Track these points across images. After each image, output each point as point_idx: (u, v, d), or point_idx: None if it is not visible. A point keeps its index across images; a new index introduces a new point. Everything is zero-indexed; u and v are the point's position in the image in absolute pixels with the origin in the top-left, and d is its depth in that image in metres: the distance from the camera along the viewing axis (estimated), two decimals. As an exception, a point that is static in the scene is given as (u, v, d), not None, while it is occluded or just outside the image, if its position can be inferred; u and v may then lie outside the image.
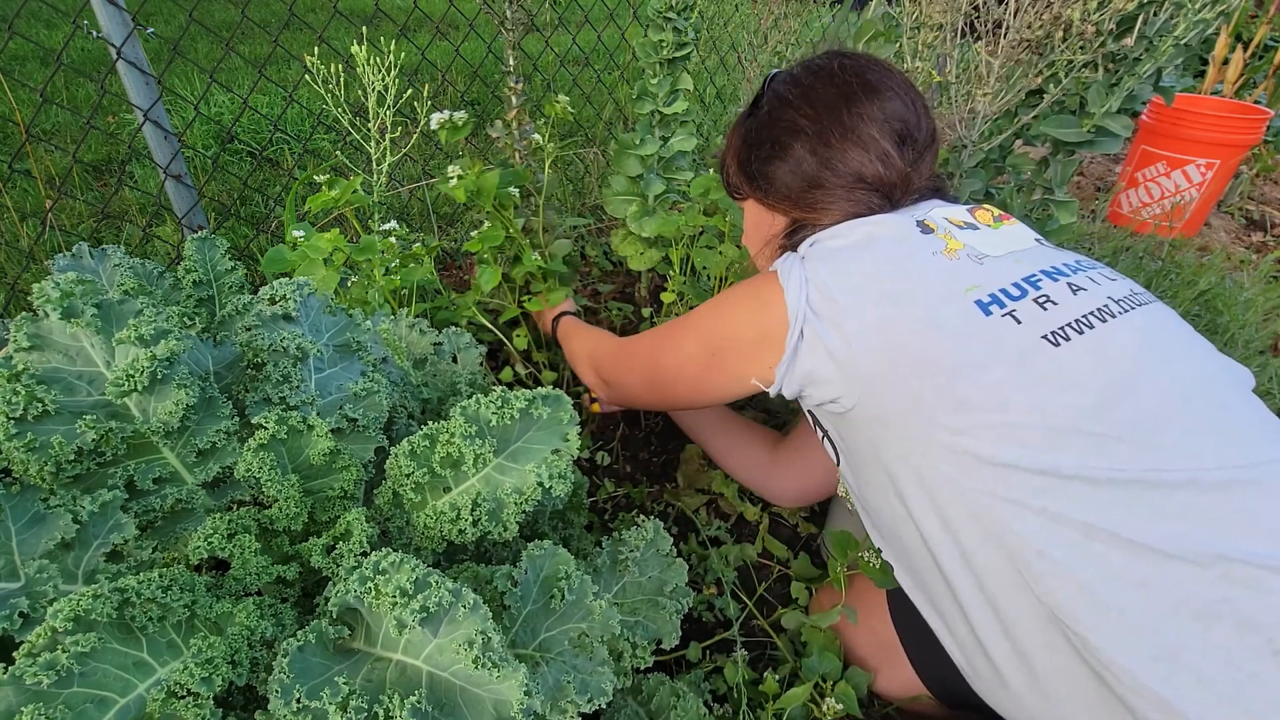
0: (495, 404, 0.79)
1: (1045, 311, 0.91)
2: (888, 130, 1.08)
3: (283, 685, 0.60)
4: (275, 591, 0.81)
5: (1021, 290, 0.94)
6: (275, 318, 0.94)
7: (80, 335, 0.82)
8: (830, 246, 1.04)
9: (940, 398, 0.87)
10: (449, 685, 0.62)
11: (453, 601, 0.62)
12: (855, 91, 1.08)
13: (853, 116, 1.08)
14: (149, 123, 1.73)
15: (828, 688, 1.13)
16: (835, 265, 0.99)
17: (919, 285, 0.94)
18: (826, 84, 1.11)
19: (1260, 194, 3.61)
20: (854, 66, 1.11)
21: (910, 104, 1.10)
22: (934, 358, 0.88)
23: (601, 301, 2.24)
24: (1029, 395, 0.84)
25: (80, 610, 0.60)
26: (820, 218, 1.11)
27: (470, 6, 4.36)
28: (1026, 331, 0.89)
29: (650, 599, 0.98)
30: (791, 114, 1.12)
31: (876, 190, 1.09)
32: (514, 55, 1.64)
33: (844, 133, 1.08)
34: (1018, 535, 0.81)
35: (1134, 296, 0.97)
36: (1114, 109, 1.45)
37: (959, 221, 1.06)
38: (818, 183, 1.10)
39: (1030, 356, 0.87)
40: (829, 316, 0.95)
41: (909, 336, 0.90)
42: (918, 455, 0.89)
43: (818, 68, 1.14)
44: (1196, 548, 0.74)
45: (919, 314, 0.91)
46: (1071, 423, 0.82)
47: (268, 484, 0.80)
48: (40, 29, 4.41)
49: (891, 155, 1.08)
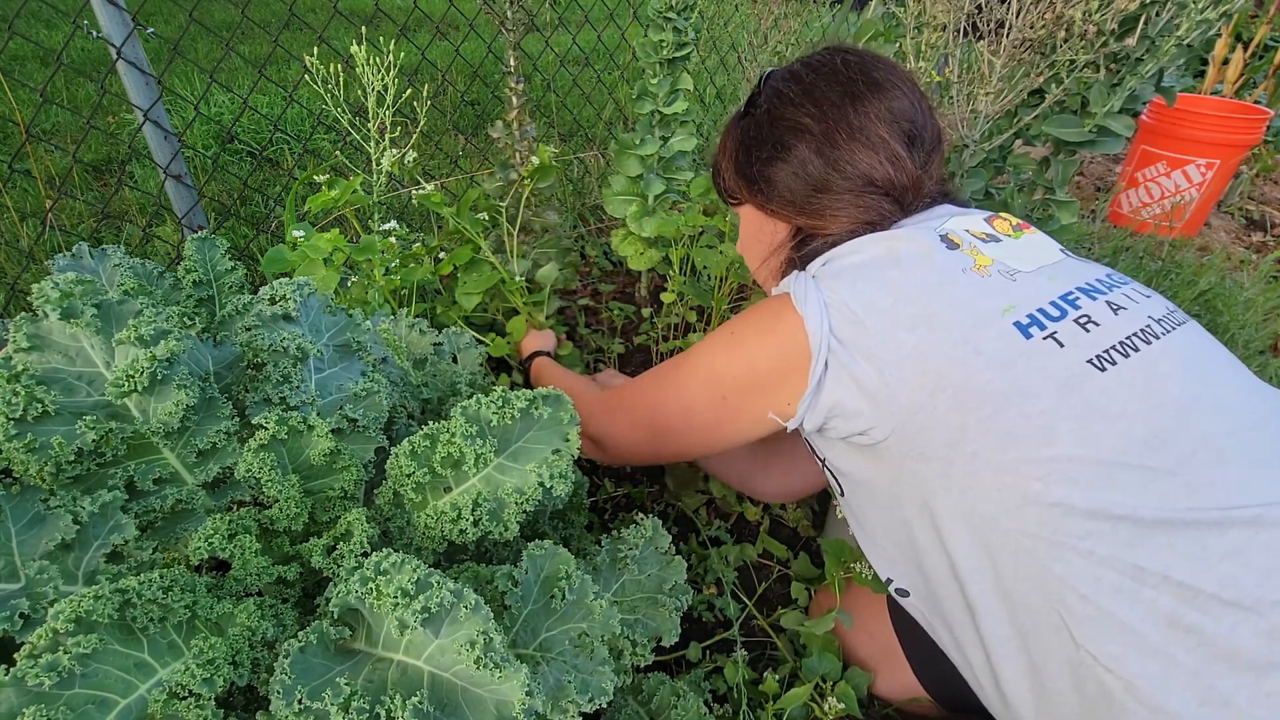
0: (496, 404, 0.79)
1: (1088, 333, 0.85)
2: (897, 130, 1.01)
3: (284, 686, 0.60)
4: (276, 592, 0.81)
5: (1060, 310, 0.88)
6: (275, 318, 0.94)
7: (80, 336, 0.82)
8: (849, 264, 0.96)
9: (985, 430, 0.81)
10: (451, 686, 0.62)
11: (454, 602, 0.62)
12: (861, 89, 1.01)
13: (860, 115, 1.00)
14: (149, 123, 1.72)
15: (828, 688, 1.13)
16: (859, 286, 0.91)
17: (953, 307, 0.87)
18: (830, 81, 1.03)
19: (1260, 194, 3.61)
20: (858, 63, 1.04)
21: (916, 103, 1.04)
22: (976, 386, 0.82)
23: (601, 301, 2.24)
24: (1077, 426, 0.79)
25: (81, 611, 0.60)
26: (826, 225, 1.03)
27: (470, 6, 4.36)
28: (1070, 356, 0.83)
29: (650, 597, 0.98)
30: (794, 113, 1.04)
31: (887, 194, 1.02)
32: (514, 55, 1.64)
33: (851, 133, 1.00)
34: (1059, 578, 0.77)
35: (1171, 315, 0.92)
36: (1115, 109, 1.45)
37: (980, 234, 0.99)
38: (824, 186, 1.02)
39: (1076, 383, 0.81)
40: (857, 344, 0.88)
41: (948, 364, 0.83)
42: (957, 490, 0.83)
43: (819, 64, 1.06)
44: (1251, 593, 0.71)
45: (956, 338, 0.84)
46: (1122, 455, 0.77)
47: (268, 484, 0.79)
48: (40, 29, 4.41)
49: (902, 157, 1.01)
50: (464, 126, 3.48)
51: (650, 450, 1.16)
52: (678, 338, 1.94)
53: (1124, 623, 0.73)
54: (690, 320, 1.98)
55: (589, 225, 2.65)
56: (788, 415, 0.97)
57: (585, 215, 2.69)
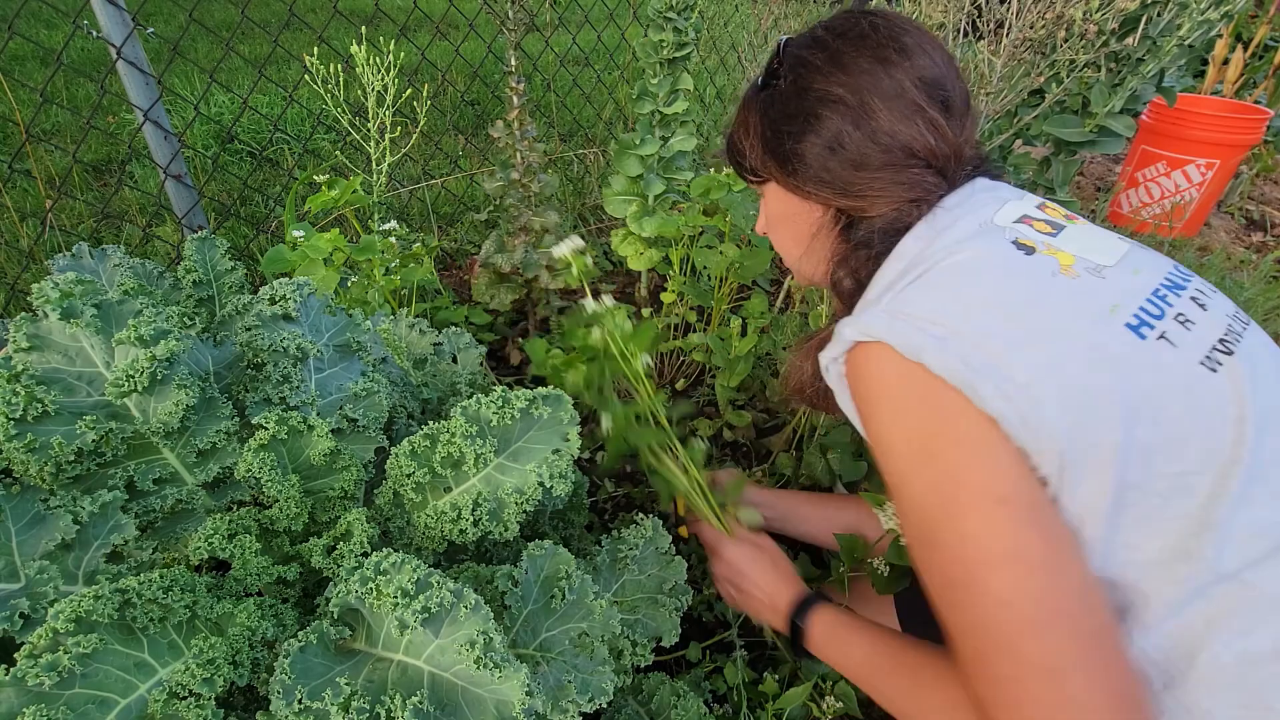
0: (496, 404, 0.79)
1: (1189, 332, 0.79)
2: (932, 97, 0.92)
3: (284, 686, 0.60)
4: (276, 592, 0.81)
5: (1158, 307, 0.80)
6: (275, 318, 0.94)
7: (80, 336, 0.82)
8: (929, 281, 0.84)
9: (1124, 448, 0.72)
10: (450, 685, 0.62)
11: (454, 602, 0.62)
12: (891, 54, 0.93)
13: (893, 82, 0.91)
14: (149, 123, 1.73)
15: (827, 687, 1.13)
16: (944, 299, 0.80)
17: (1061, 313, 0.78)
18: (858, 46, 0.94)
19: (1260, 194, 3.61)
20: (886, 26, 0.95)
21: (945, 66, 0.95)
22: (1109, 400, 0.72)
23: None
24: (1202, 432, 0.73)
25: (81, 611, 0.60)
26: (867, 205, 0.94)
27: (470, 6, 4.36)
28: (1184, 356, 0.77)
29: (650, 597, 0.98)
30: (823, 82, 0.94)
31: (929, 166, 0.93)
32: (515, 55, 1.64)
33: (887, 101, 0.91)
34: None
35: (1239, 312, 0.86)
36: (1116, 109, 1.45)
37: (1044, 226, 0.89)
38: (862, 161, 0.93)
39: (1196, 386, 0.75)
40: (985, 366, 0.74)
41: (1077, 377, 0.73)
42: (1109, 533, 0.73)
43: (845, 29, 0.97)
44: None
45: (1082, 346, 0.75)
46: (1236, 456, 0.72)
47: (268, 484, 0.80)
48: (40, 29, 4.41)
49: (941, 124, 0.92)
50: (464, 126, 3.48)
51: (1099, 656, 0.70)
52: (678, 338, 1.94)
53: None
54: (690, 320, 1.98)
55: (589, 225, 2.65)
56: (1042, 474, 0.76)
57: (585, 215, 2.69)
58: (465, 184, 2.64)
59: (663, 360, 2.01)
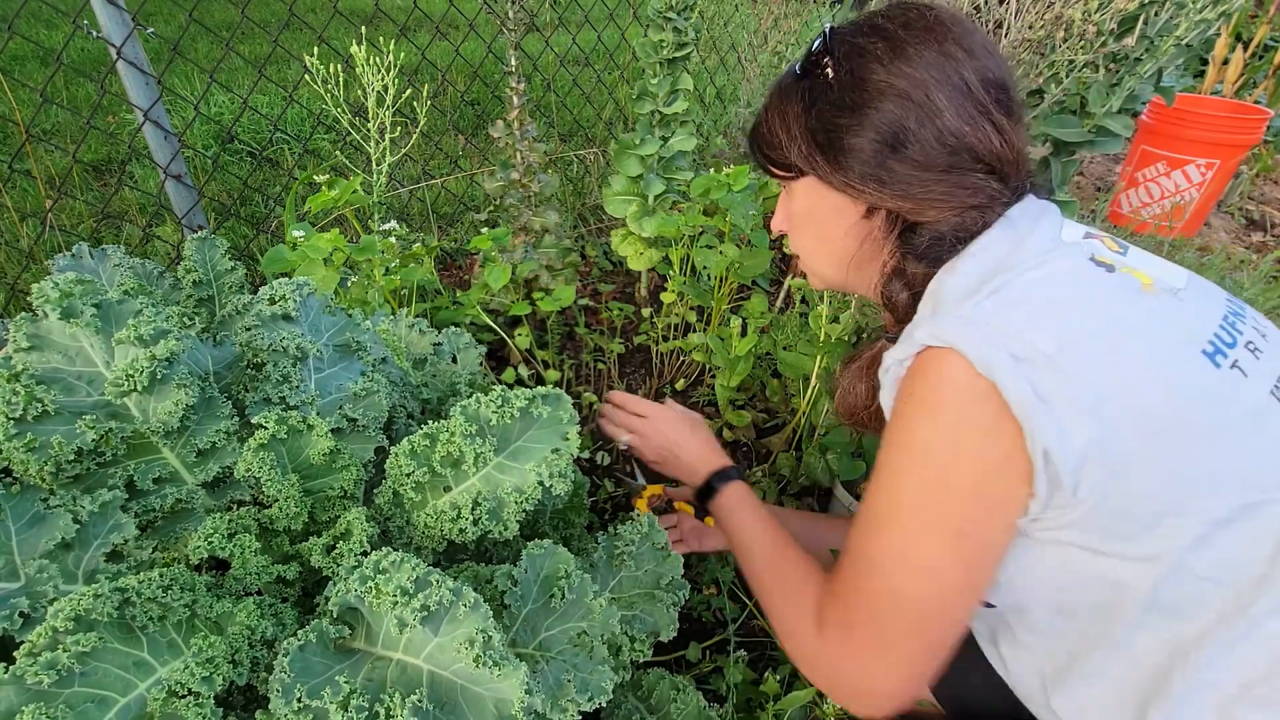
0: (495, 403, 0.79)
1: (1259, 361, 0.79)
2: (996, 99, 0.88)
3: (284, 684, 0.60)
4: (275, 591, 0.81)
5: (1230, 335, 0.80)
6: (275, 318, 0.94)
7: (79, 335, 0.82)
8: (1014, 295, 0.81)
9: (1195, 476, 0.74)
10: (450, 684, 0.62)
11: (453, 600, 0.62)
12: (956, 49, 0.87)
13: (960, 79, 0.86)
14: (149, 123, 1.73)
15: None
16: (1039, 319, 0.77)
17: (1141, 336, 0.77)
18: (925, 38, 0.88)
19: (1260, 194, 3.61)
20: (951, 20, 0.90)
21: (1003, 66, 0.91)
22: (1182, 427, 0.74)
23: (601, 301, 2.24)
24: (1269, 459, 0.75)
25: (81, 610, 0.60)
26: (923, 210, 0.89)
27: (470, 6, 4.36)
28: (1255, 387, 0.77)
29: (647, 592, 0.98)
30: (883, 73, 0.88)
31: (994, 172, 0.88)
32: (515, 55, 1.64)
33: (955, 99, 0.86)
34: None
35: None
36: (1115, 109, 1.45)
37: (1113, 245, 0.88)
38: (926, 161, 0.87)
39: (1266, 416, 0.76)
40: (1059, 394, 0.73)
41: (1154, 401, 0.74)
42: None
43: (907, 19, 0.90)
44: None
45: (1154, 375, 0.75)
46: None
47: (268, 484, 0.80)
48: (40, 29, 4.42)
49: (1006, 128, 0.88)
50: (464, 126, 3.48)
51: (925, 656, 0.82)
52: (678, 338, 1.94)
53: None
54: (690, 320, 1.98)
55: (589, 225, 2.66)
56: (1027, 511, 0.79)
57: (585, 215, 2.69)
58: (465, 184, 2.64)
59: (663, 360, 2.02)
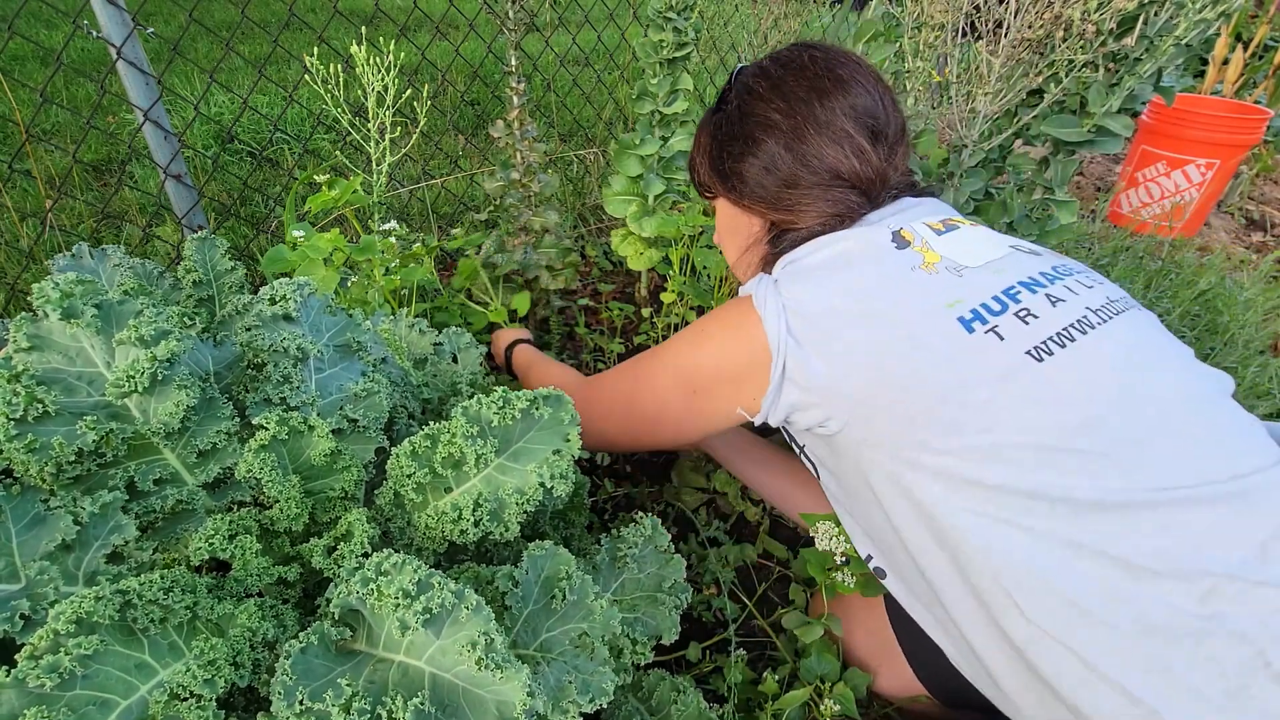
0: (497, 404, 0.79)
1: (1027, 326, 0.90)
2: (861, 125, 1.04)
3: (285, 687, 0.60)
4: (277, 593, 0.81)
5: (1002, 304, 0.92)
6: (275, 318, 0.94)
7: (80, 336, 0.82)
8: (805, 265, 1.02)
9: (929, 420, 0.87)
10: (452, 686, 0.62)
11: (455, 603, 0.62)
12: (827, 85, 1.04)
13: (826, 111, 1.04)
14: (149, 123, 1.72)
15: (826, 689, 1.13)
16: (812, 286, 0.97)
17: (900, 304, 0.92)
18: (798, 77, 1.06)
19: (1260, 194, 3.61)
20: (824, 59, 1.07)
21: (879, 98, 1.07)
22: (920, 380, 0.88)
23: (601, 301, 2.24)
24: (1016, 414, 0.84)
25: (82, 612, 0.60)
26: (797, 219, 1.08)
27: (470, 6, 4.36)
28: (1010, 348, 0.88)
29: (649, 595, 0.98)
30: (763, 108, 1.07)
31: (854, 188, 1.06)
32: (515, 55, 1.64)
33: (819, 128, 1.04)
34: (1004, 553, 0.81)
35: (1111, 305, 0.96)
36: (1114, 109, 1.45)
37: (936, 224, 1.04)
38: (793, 181, 1.06)
39: (1015, 374, 0.86)
40: (811, 342, 0.94)
41: (894, 359, 0.89)
42: (907, 476, 0.89)
43: (787, 60, 1.09)
44: (1183, 564, 0.75)
45: (901, 334, 0.90)
46: (1056, 440, 0.82)
47: (268, 485, 0.80)
48: (40, 29, 4.41)
49: (867, 150, 1.05)
50: (464, 126, 3.48)
51: (627, 439, 1.21)
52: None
53: (1065, 595, 0.78)
54: (690, 320, 1.98)
55: (589, 225, 2.65)
56: (753, 411, 1.03)
57: (585, 215, 2.69)
58: (465, 184, 2.64)
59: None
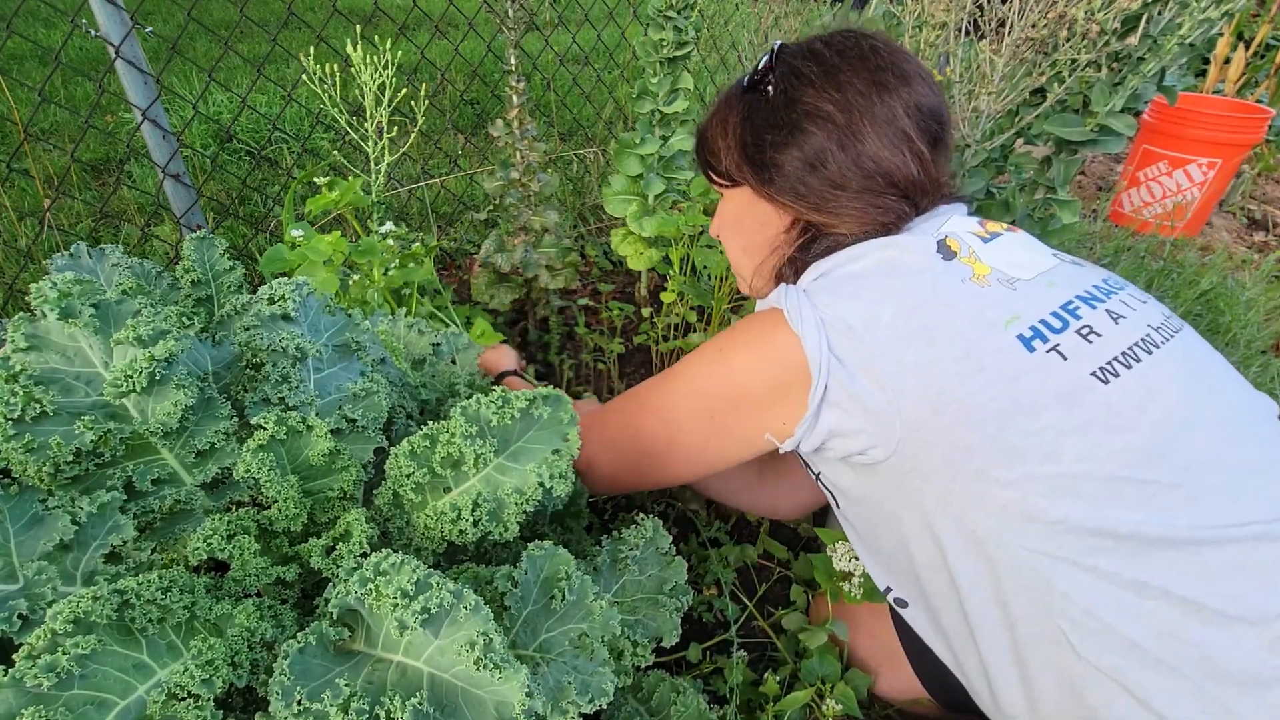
0: (496, 404, 0.79)
1: (1090, 345, 0.83)
2: (923, 128, 0.95)
3: (283, 687, 0.60)
4: (275, 593, 0.80)
5: (1062, 321, 0.85)
6: (274, 318, 0.94)
7: (78, 336, 0.81)
8: (844, 275, 0.91)
9: (988, 448, 0.79)
10: (450, 687, 0.62)
11: (454, 603, 0.61)
12: (889, 79, 0.93)
13: (887, 108, 0.93)
14: (147, 122, 1.72)
15: (827, 690, 1.13)
16: (854, 298, 0.87)
17: (954, 320, 0.84)
18: (856, 66, 0.94)
19: (1262, 193, 3.60)
20: (886, 51, 0.96)
21: (941, 101, 0.98)
22: (980, 403, 0.80)
23: (601, 301, 2.23)
24: (1081, 441, 0.78)
25: (80, 612, 0.60)
26: (837, 223, 0.96)
27: (470, 5, 4.36)
28: (1074, 369, 0.81)
29: (650, 597, 0.98)
30: (814, 96, 0.94)
31: (906, 196, 0.96)
32: (514, 54, 1.64)
33: (878, 126, 0.93)
34: (1062, 593, 0.77)
35: (1168, 322, 0.91)
36: (1117, 108, 1.45)
37: (981, 232, 0.95)
38: (842, 182, 0.94)
39: (1079, 397, 0.80)
40: (857, 362, 0.84)
41: (952, 380, 0.81)
42: (958, 507, 0.82)
43: (844, 47, 0.97)
44: (1254, 607, 0.72)
45: (959, 353, 0.82)
46: (1125, 469, 0.77)
47: (267, 485, 0.79)
48: (39, 28, 4.41)
49: (927, 157, 0.95)
50: (463, 125, 3.48)
51: (633, 476, 1.09)
52: (678, 338, 1.94)
53: (1125, 636, 0.74)
54: (690, 320, 1.97)
55: (589, 225, 2.65)
56: (784, 436, 0.93)
57: (585, 215, 2.68)
58: (465, 183, 2.64)
59: (663, 360, 2.01)
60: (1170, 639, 0.73)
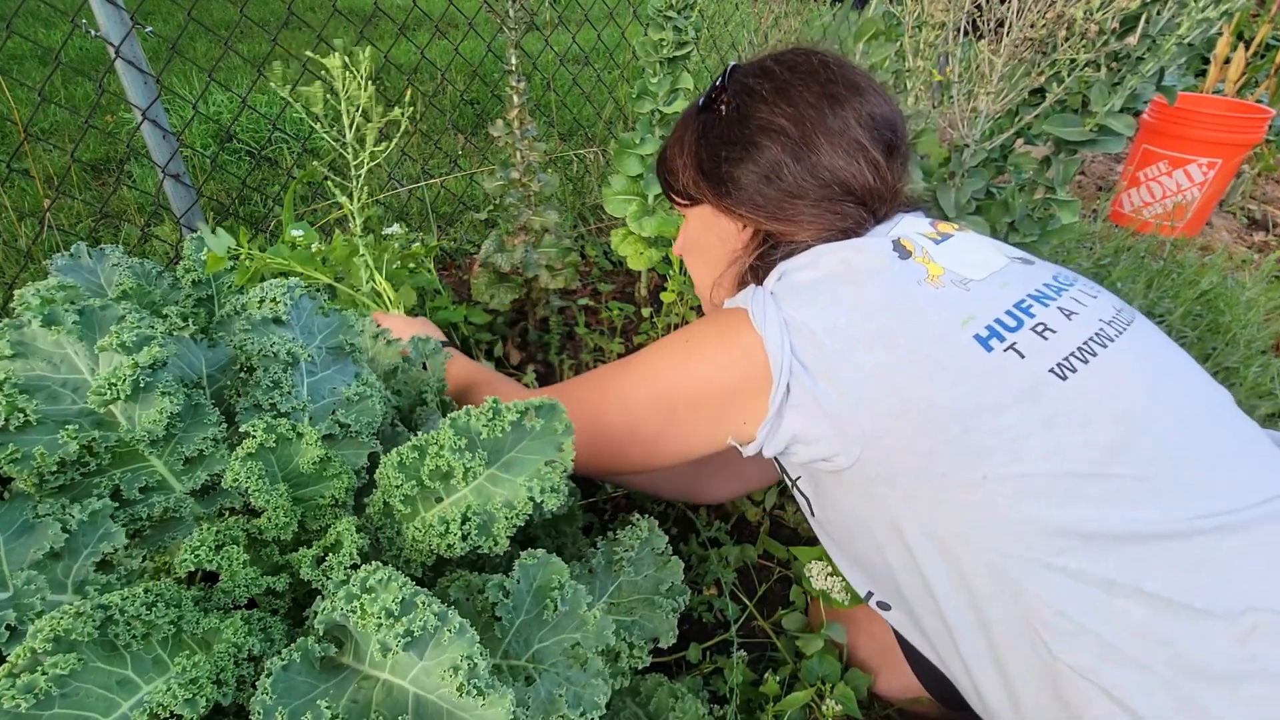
0: (486, 415, 0.77)
1: (1046, 341, 0.84)
2: (877, 137, 0.97)
3: (265, 706, 0.59)
4: (265, 603, 0.79)
5: (1017, 320, 0.86)
6: (265, 321, 0.93)
7: (64, 342, 0.80)
8: (803, 280, 0.92)
9: (953, 450, 0.80)
10: (436, 708, 0.61)
11: (438, 625, 0.60)
12: (840, 91, 0.97)
13: (839, 119, 0.96)
14: (147, 122, 1.72)
15: (827, 690, 1.13)
16: (815, 303, 0.88)
17: (912, 323, 0.85)
18: (808, 80, 0.97)
19: (1262, 193, 3.59)
20: (836, 64, 0.99)
21: (894, 110, 1.00)
22: (943, 404, 0.80)
23: (601, 301, 2.22)
24: (1045, 438, 0.78)
25: (61, 630, 0.59)
26: (795, 231, 0.98)
27: (470, 5, 4.35)
28: (1032, 366, 0.82)
29: (646, 598, 0.97)
30: (766, 111, 0.98)
31: (862, 203, 0.98)
32: (514, 54, 1.63)
33: (831, 137, 0.95)
34: (1035, 595, 0.76)
35: (1120, 315, 0.92)
36: (1116, 108, 1.44)
37: (930, 234, 0.97)
38: (799, 192, 0.97)
39: (1040, 392, 0.80)
40: (818, 367, 0.85)
41: (914, 382, 0.81)
42: (926, 512, 0.82)
43: (794, 62, 1.00)
44: (1224, 601, 0.71)
45: (919, 356, 0.82)
46: (1089, 465, 0.77)
47: (255, 494, 0.78)
48: (39, 28, 4.40)
49: (881, 164, 0.97)
50: (463, 125, 3.47)
51: (590, 461, 1.04)
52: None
53: (1098, 635, 0.74)
54: (690, 320, 1.96)
55: (589, 225, 2.64)
56: (746, 439, 0.93)
57: (585, 215, 2.67)
58: (465, 183, 2.63)
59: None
60: (1141, 637, 0.72)
